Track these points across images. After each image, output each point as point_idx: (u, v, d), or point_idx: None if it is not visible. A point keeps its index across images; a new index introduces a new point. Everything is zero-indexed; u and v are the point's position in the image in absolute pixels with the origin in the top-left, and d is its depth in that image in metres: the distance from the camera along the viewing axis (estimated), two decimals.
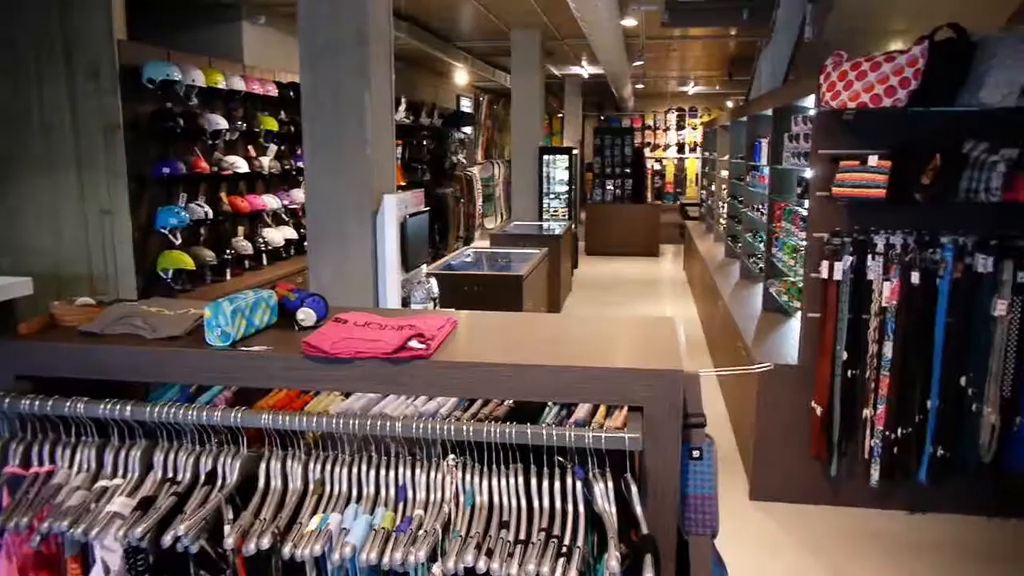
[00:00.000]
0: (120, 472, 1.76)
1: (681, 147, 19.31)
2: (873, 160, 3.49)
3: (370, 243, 3.94)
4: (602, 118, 19.87)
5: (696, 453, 1.76)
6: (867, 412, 3.70)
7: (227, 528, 1.63)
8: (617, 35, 7.98)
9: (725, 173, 8.67)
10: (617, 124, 19.08)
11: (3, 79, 5.08)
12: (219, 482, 1.71)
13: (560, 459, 1.68)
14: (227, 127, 5.80)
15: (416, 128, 9.89)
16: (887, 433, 3.67)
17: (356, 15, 3.83)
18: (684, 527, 1.78)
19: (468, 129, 12.38)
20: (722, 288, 6.21)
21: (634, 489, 1.63)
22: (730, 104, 15.79)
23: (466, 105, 14.75)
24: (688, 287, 10.01)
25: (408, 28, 8.65)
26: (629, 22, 8.22)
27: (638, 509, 1.62)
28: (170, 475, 1.75)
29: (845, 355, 3.69)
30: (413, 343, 1.75)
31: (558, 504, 1.65)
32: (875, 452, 3.70)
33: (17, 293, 4.45)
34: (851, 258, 3.62)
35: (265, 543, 1.57)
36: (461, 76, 13.38)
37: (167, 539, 1.58)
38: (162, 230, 5.27)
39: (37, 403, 1.75)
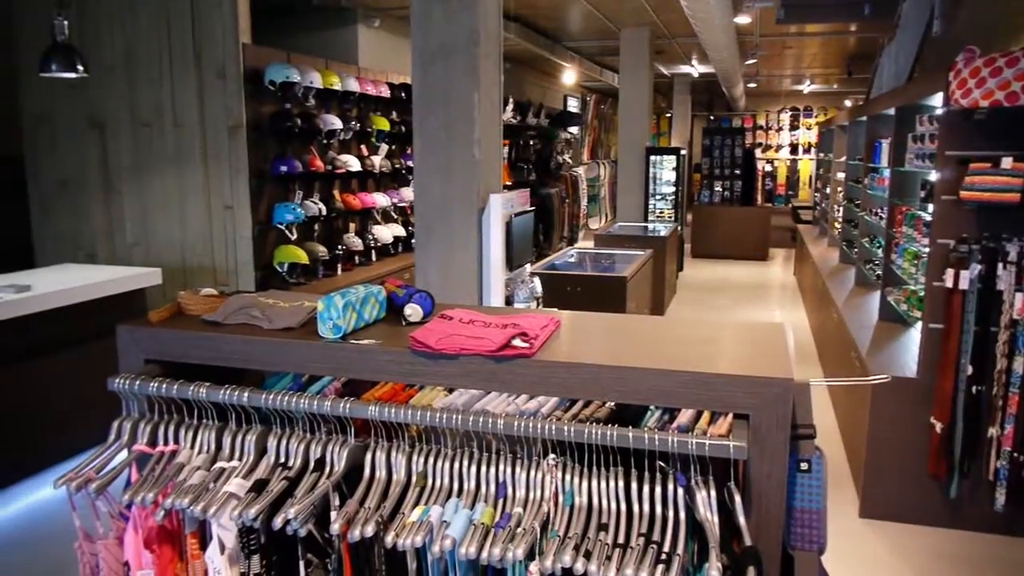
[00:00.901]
0: (237, 455, 1.85)
1: (794, 148, 18.65)
2: (1007, 163, 3.27)
3: (476, 242, 4.00)
4: (712, 118, 19.42)
5: (804, 465, 1.70)
6: (993, 431, 3.47)
7: (333, 514, 1.69)
8: (729, 33, 7.78)
9: (841, 175, 8.31)
10: (727, 124, 18.61)
11: (142, 82, 5.44)
12: (327, 469, 1.77)
13: (661, 464, 1.66)
14: (341, 127, 6.00)
15: (523, 128, 9.94)
16: (1015, 455, 3.43)
17: (468, 17, 3.89)
18: (790, 542, 1.72)
19: (575, 129, 12.35)
20: (835, 295, 5.96)
21: (738, 499, 1.59)
22: (848, 103, 15.14)
23: (573, 105, 14.73)
24: (798, 293, 9.66)
25: (517, 29, 8.72)
26: (742, 19, 8.01)
27: (741, 520, 1.57)
28: (282, 460, 1.82)
29: (970, 370, 3.48)
30: (517, 342, 1.76)
31: (658, 510, 1.62)
32: (1001, 474, 3.47)
33: (148, 283, 4.78)
34: (979, 266, 3.40)
35: (369, 531, 1.62)
36: (569, 76, 13.36)
37: (278, 521, 1.64)
38: (279, 225, 5.51)
39: (164, 386, 1.87)
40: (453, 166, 4.00)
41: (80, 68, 4.64)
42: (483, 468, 1.73)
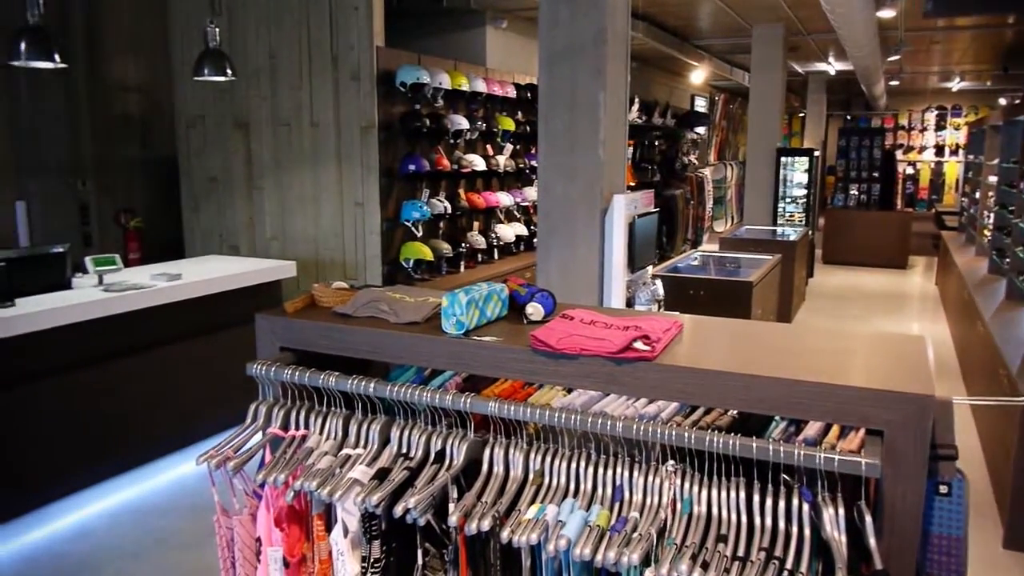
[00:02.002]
0: (362, 443, 1.92)
1: (940, 149, 17.49)
2: None
3: (598, 242, 3.98)
4: (848, 118, 18.50)
5: (944, 488, 1.59)
6: None
7: (451, 506, 1.72)
8: (871, 28, 7.39)
9: (993, 179, 7.73)
10: (866, 124, 17.68)
11: (283, 84, 5.74)
12: (447, 462, 1.81)
13: (786, 478, 1.59)
14: (468, 127, 6.11)
15: (648, 128, 9.81)
16: None
17: (595, 17, 3.87)
18: (925, 569, 1.62)
19: (702, 129, 12.07)
20: (983, 308, 5.55)
21: (868, 519, 1.50)
22: (1003, 101, 14.05)
23: (701, 105, 14.41)
24: (940, 304, 9.06)
25: (645, 28, 8.61)
26: (886, 13, 7.57)
27: (872, 542, 1.49)
28: (404, 450, 1.88)
29: None
30: (638, 344, 1.74)
31: (781, 525, 1.56)
32: None
33: (284, 275, 5.03)
34: None
35: (485, 525, 1.64)
36: (697, 75, 13.07)
37: (398, 509, 1.69)
38: (406, 222, 5.68)
39: (297, 373, 1.96)
40: (577, 166, 3.99)
41: (229, 72, 4.95)
42: (600, 470, 1.72)
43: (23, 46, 3.97)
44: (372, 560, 1.82)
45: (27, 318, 3.53)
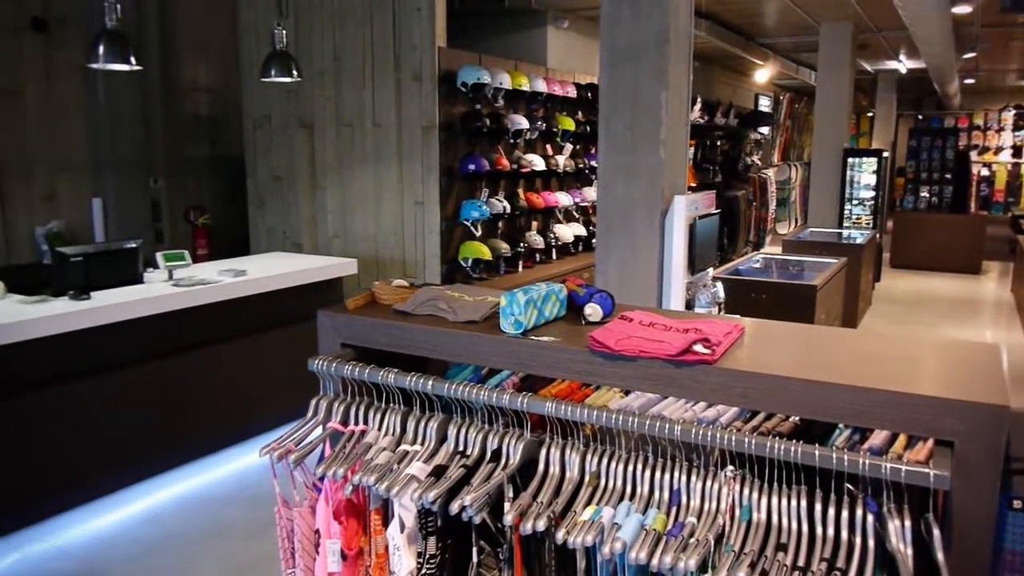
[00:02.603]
0: (419, 439, 1.94)
1: (1017, 150, 16.79)
2: None
3: (657, 243, 3.94)
4: (920, 117, 17.91)
5: (1018, 504, 1.53)
6: None
7: (507, 505, 1.72)
8: (944, 25, 7.14)
9: None
10: (938, 124, 17.09)
11: (347, 85, 5.83)
12: (503, 461, 1.82)
13: (850, 487, 1.55)
14: (528, 127, 6.12)
15: (710, 128, 9.67)
16: None
17: (658, 16, 3.84)
18: None
19: (765, 129, 11.84)
20: None
21: (936, 532, 1.45)
22: None
23: (765, 104, 14.14)
24: (1016, 312, 8.71)
25: (708, 27, 8.49)
26: (961, 9, 7.32)
27: (940, 556, 1.44)
28: (461, 448, 1.89)
29: None
30: (698, 347, 1.72)
31: (844, 535, 1.53)
32: None
33: (345, 272, 5.12)
34: None
35: (540, 525, 1.64)
36: (761, 74, 12.83)
37: (454, 507, 1.71)
38: (465, 222, 5.71)
39: (357, 369, 1.99)
40: (638, 166, 3.96)
41: (295, 73, 5.06)
42: (657, 473, 1.70)
43: (102, 49, 4.12)
44: (428, 556, 1.84)
45: (102, 311, 3.67)
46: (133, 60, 4.22)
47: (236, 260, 5.14)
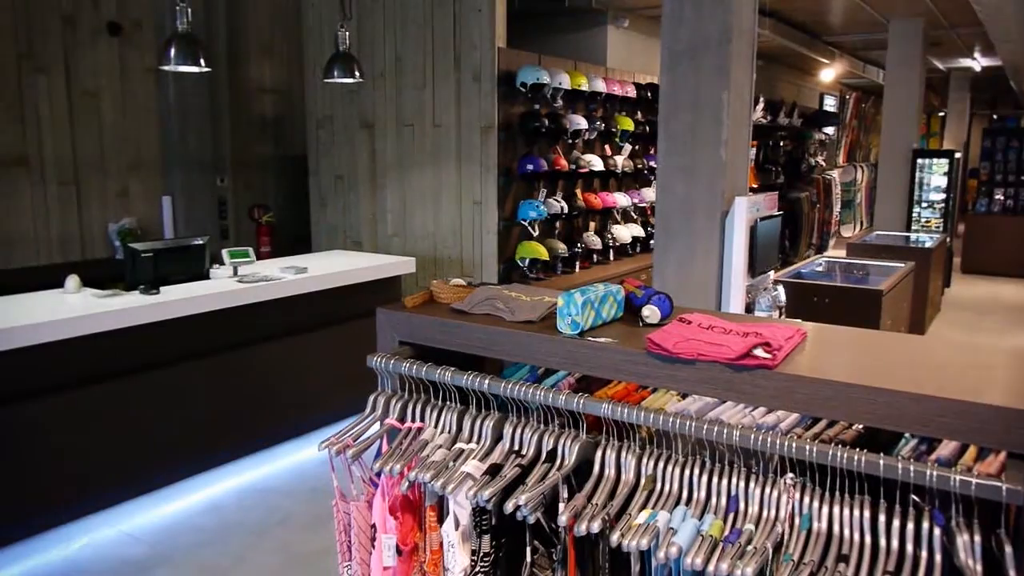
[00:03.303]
0: (475, 438, 1.95)
1: None
2: None
3: (717, 245, 3.89)
4: (995, 117, 17.26)
5: None
6: None
7: (561, 506, 1.72)
8: (1023, 20, 6.87)
9: None
10: (1014, 124, 16.44)
11: (408, 86, 5.90)
12: (558, 461, 1.81)
13: (915, 499, 1.51)
14: (587, 127, 6.10)
15: (773, 128, 9.49)
16: None
17: (721, 15, 3.78)
18: None
19: (830, 129, 11.57)
20: None
21: (1008, 549, 1.40)
22: None
23: (830, 104, 13.81)
24: None
25: (772, 24, 8.33)
26: None
27: (1012, 574, 1.39)
28: (516, 447, 1.89)
29: None
30: (758, 351, 1.69)
31: (909, 548, 1.48)
32: None
33: (403, 270, 5.18)
34: None
35: (595, 527, 1.63)
36: (827, 73, 12.54)
37: (509, 506, 1.71)
38: (523, 222, 5.73)
39: (415, 367, 2.01)
40: (698, 167, 3.91)
41: (358, 74, 5.14)
42: (714, 479, 1.68)
43: (173, 52, 4.25)
44: (482, 554, 1.84)
45: (170, 305, 3.79)
46: (203, 62, 4.34)
47: (298, 257, 5.25)
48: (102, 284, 4.12)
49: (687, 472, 1.71)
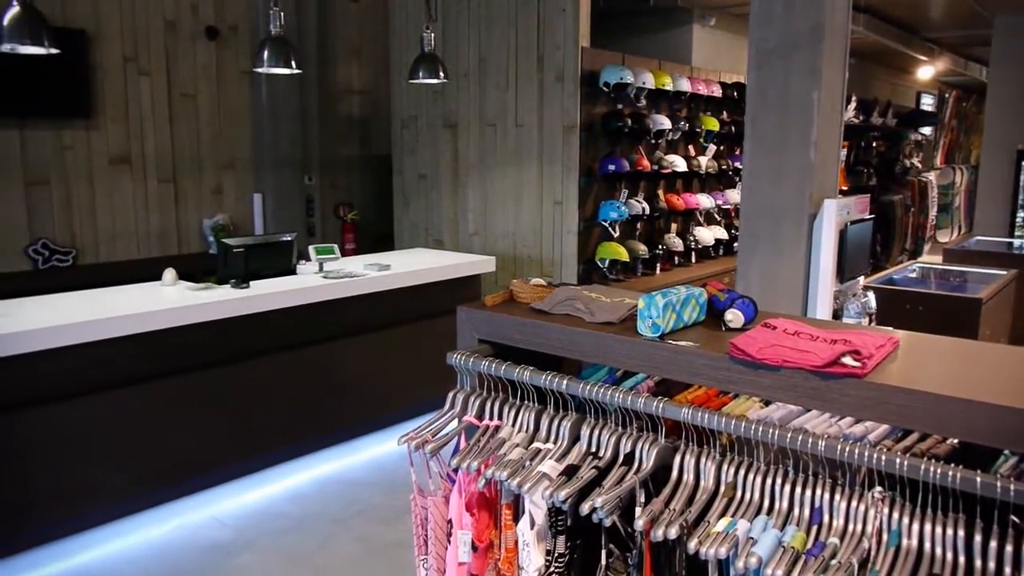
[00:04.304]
0: (552, 438, 1.95)
1: None
2: None
3: (804, 249, 3.78)
4: None
5: None
6: None
7: (638, 510, 1.71)
8: None
9: None
10: None
11: (491, 86, 5.94)
12: (635, 465, 1.80)
13: (1015, 519, 1.43)
14: (670, 127, 6.01)
15: (866, 128, 9.16)
16: None
17: (812, 12, 3.67)
18: None
19: (927, 130, 11.08)
20: None
21: None
22: None
23: (927, 103, 13.23)
24: None
25: (867, 21, 8.04)
26: None
27: None
28: (593, 449, 1.89)
29: None
30: (847, 359, 1.63)
31: (1007, 571, 1.41)
32: None
33: (483, 269, 5.22)
34: None
35: (672, 533, 1.61)
36: (924, 70, 12.01)
37: (585, 507, 1.70)
38: (603, 222, 5.69)
39: (494, 366, 2.03)
40: (785, 168, 3.81)
41: (442, 75, 5.21)
42: (798, 489, 1.63)
43: (266, 54, 4.41)
44: (556, 554, 1.84)
45: (260, 299, 3.93)
46: (294, 64, 4.48)
47: (381, 255, 5.36)
48: (196, 277, 4.31)
49: (769, 481, 1.67)
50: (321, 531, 3.62)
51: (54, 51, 3.30)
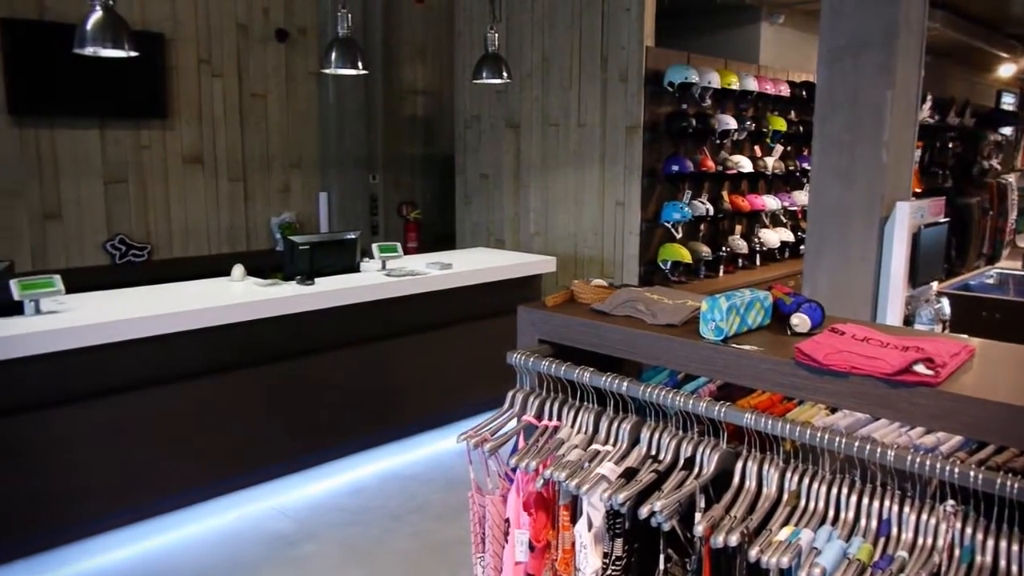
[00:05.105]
0: (611, 440, 1.94)
1: None
2: None
3: (875, 253, 3.67)
4: None
5: None
6: None
7: (698, 516, 1.68)
8: None
9: None
10: None
11: (554, 86, 5.94)
12: (696, 470, 1.78)
13: None
14: (736, 127, 5.92)
15: (941, 128, 8.84)
16: None
17: (886, 8, 3.56)
18: None
19: (1008, 130, 10.63)
20: None
21: None
22: None
23: (1008, 102, 12.67)
24: None
25: (944, 17, 7.75)
26: None
27: None
28: (653, 452, 1.87)
29: None
30: (919, 367, 1.58)
31: None
32: None
33: (544, 269, 5.22)
34: None
35: (733, 540, 1.58)
36: (1006, 68, 11.53)
37: (643, 511, 1.69)
38: (666, 223, 5.63)
39: (554, 366, 2.03)
40: (856, 170, 3.71)
41: (505, 75, 5.22)
42: (864, 500, 1.59)
43: (334, 56, 4.49)
44: (614, 557, 1.83)
45: (324, 295, 4.00)
46: (360, 65, 4.55)
47: (443, 254, 5.41)
48: (264, 274, 4.42)
49: (834, 490, 1.62)
50: (380, 525, 3.67)
51: (133, 54, 3.42)
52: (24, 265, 5.39)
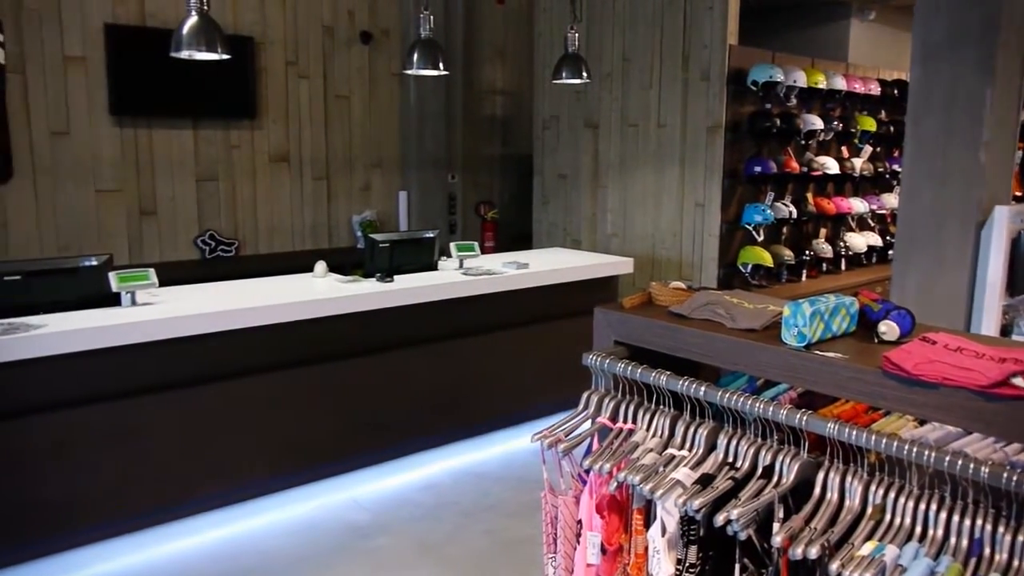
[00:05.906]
0: (687, 445, 1.91)
1: None
2: None
3: (970, 259, 3.51)
4: None
5: None
6: None
7: (776, 526, 1.64)
8: None
9: None
10: None
11: (634, 86, 5.89)
12: (775, 479, 1.73)
13: None
14: (822, 127, 5.74)
15: None
16: None
17: (986, 2, 3.40)
18: None
19: None
20: None
21: None
22: None
23: None
24: None
25: None
26: None
27: None
28: (730, 459, 1.83)
29: None
30: (1017, 380, 1.50)
31: None
32: None
33: (621, 271, 5.18)
34: None
35: (813, 552, 1.54)
36: None
37: (719, 519, 1.66)
38: (747, 226, 5.51)
39: (630, 368, 2.01)
40: (950, 172, 3.55)
41: (585, 75, 5.21)
42: (955, 517, 1.52)
43: (416, 57, 4.57)
44: (688, 564, 1.81)
45: (403, 292, 4.07)
46: (441, 66, 4.61)
47: (520, 253, 5.43)
48: (345, 270, 4.53)
49: (922, 506, 1.56)
50: (452, 521, 3.71)
51: (226, 56, 3.55)
52: (121, 259, 5.67)
